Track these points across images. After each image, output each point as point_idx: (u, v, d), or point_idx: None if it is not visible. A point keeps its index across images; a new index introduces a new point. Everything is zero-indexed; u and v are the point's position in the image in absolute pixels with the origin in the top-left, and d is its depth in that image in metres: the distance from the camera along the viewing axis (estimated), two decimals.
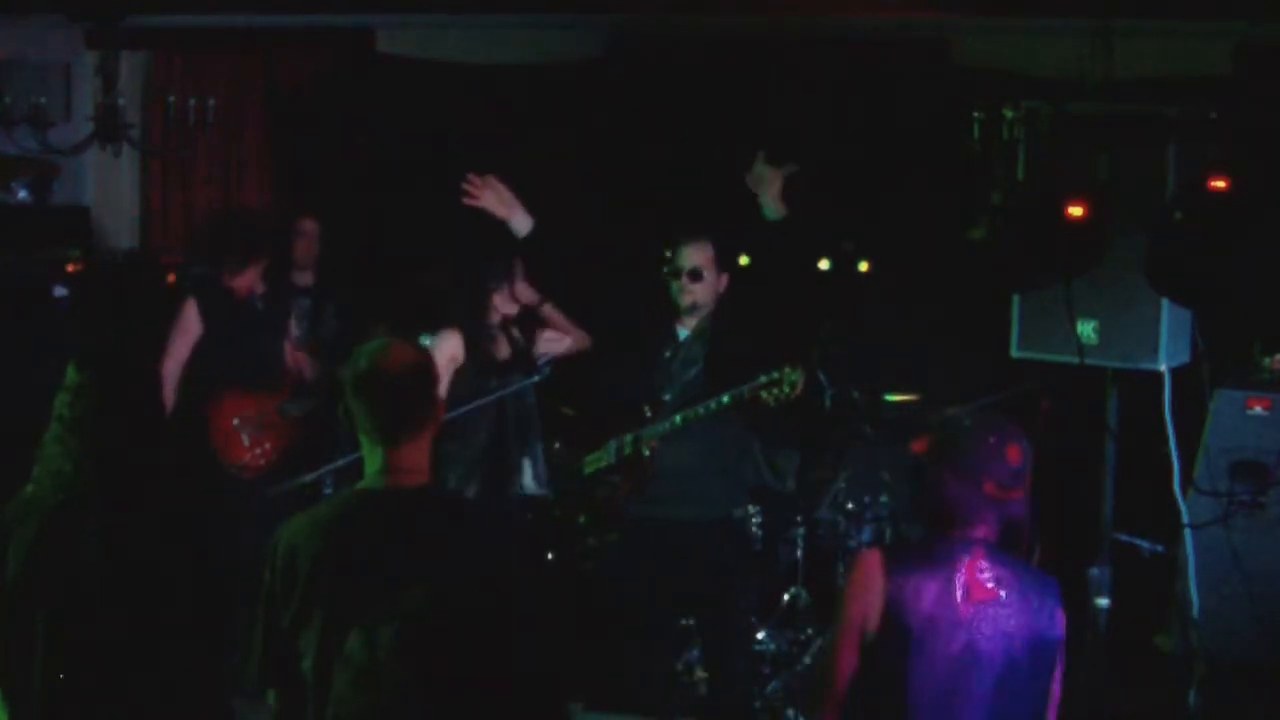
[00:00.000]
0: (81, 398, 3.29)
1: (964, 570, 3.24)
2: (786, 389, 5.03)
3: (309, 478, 5.64)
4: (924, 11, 6.56)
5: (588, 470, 5.51)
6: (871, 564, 3.27)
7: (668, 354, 5.44)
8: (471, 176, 5.34)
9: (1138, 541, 5.33)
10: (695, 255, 5.43)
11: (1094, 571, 5.10)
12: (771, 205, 5.41)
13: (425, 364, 3.13)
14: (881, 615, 3.21)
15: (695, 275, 5.39)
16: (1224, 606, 5.15)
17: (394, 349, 3.10)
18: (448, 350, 5.43)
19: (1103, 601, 5.08)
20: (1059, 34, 6.10)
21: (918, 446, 3.40)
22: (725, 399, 5.14)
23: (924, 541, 3.34)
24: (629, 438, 5.38)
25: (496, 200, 5.36)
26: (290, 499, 5.81)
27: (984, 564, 3.26)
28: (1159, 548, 5.32)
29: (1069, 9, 5.79)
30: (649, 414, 5.37)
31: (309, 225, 6.53)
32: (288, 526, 3.01)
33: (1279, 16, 5.78)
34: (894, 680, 3.21)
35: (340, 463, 5.61)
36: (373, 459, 3.04)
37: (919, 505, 3.41)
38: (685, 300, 5.41)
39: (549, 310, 5.80)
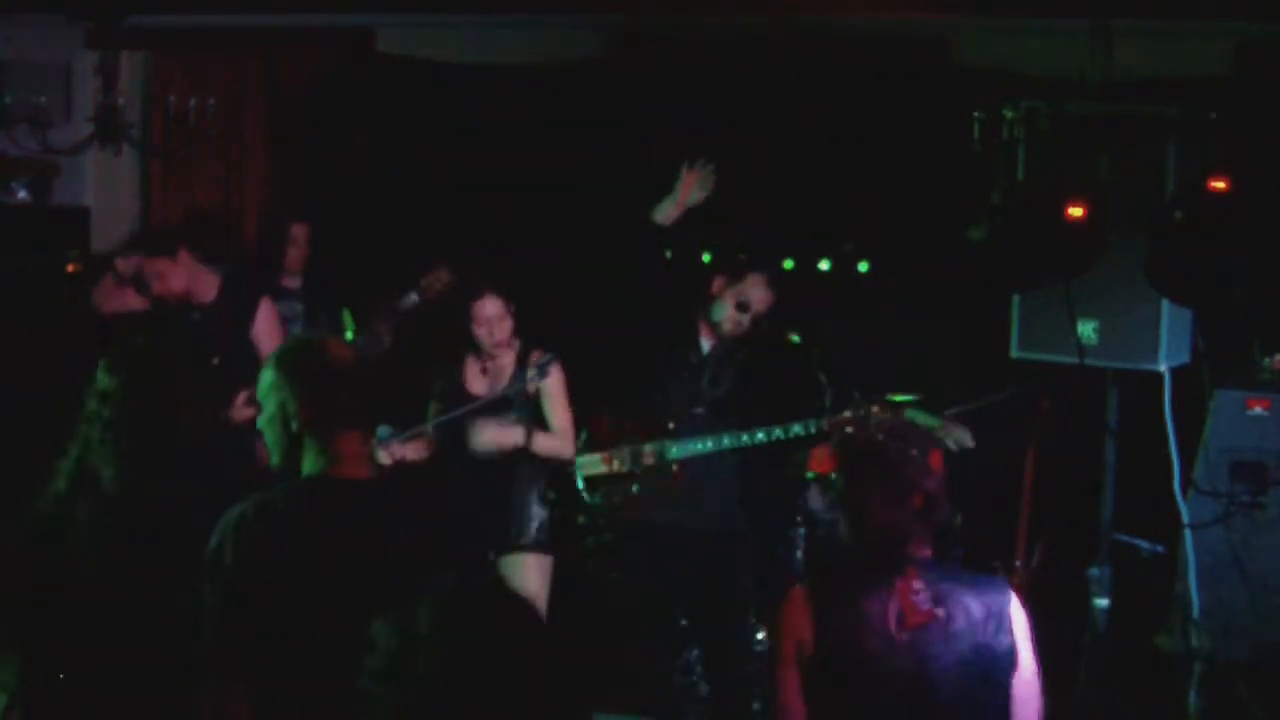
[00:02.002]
0: (117, 400, 3.30)
1: (896, 595, 3.06)
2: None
3: None
4: (924, 11, 6.56)
5: (588, 472, 5.49)
6: (795, 604, 3.12)
7: (694, 365, 5.43)
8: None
9: (1138, 541, 5.32)
10: (757, 289, 5.42)
11: (1094, 571, 5.11)
12: (665, 209, 5.40)
13: (353, 354, 3.16)
14: (815, 655, 3.07)
15: (746, 307, 5.39)
16: (1224, 606, 5.15)
17: (329, 342, 3.16)
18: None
19: (1103, 601, 5.09)
20: (1059, 34, 6.09)
21: (820, 465, 3.22)
22: (798, 429, 5.14)
23: (855, 568, 3.16)
24: (649, 448, 5.35)
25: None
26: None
27: (917, 584, 3.07)
28: (1159, 548, 5.32)
29: (1069, 9, 5.79)
30: (672, 427, 5.35)
31: (300, 231, 6.50)
32: (231, 518, 2.95)
33: (1279, 16, 5.77)
34: (837, 716, 3.08)
35: None
36: (314, 451, 3.02)
37: (846, 532, 3.22)
38: (727, 327, 5.41)
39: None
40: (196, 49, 7.53)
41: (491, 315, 5.27)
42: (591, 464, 5.50)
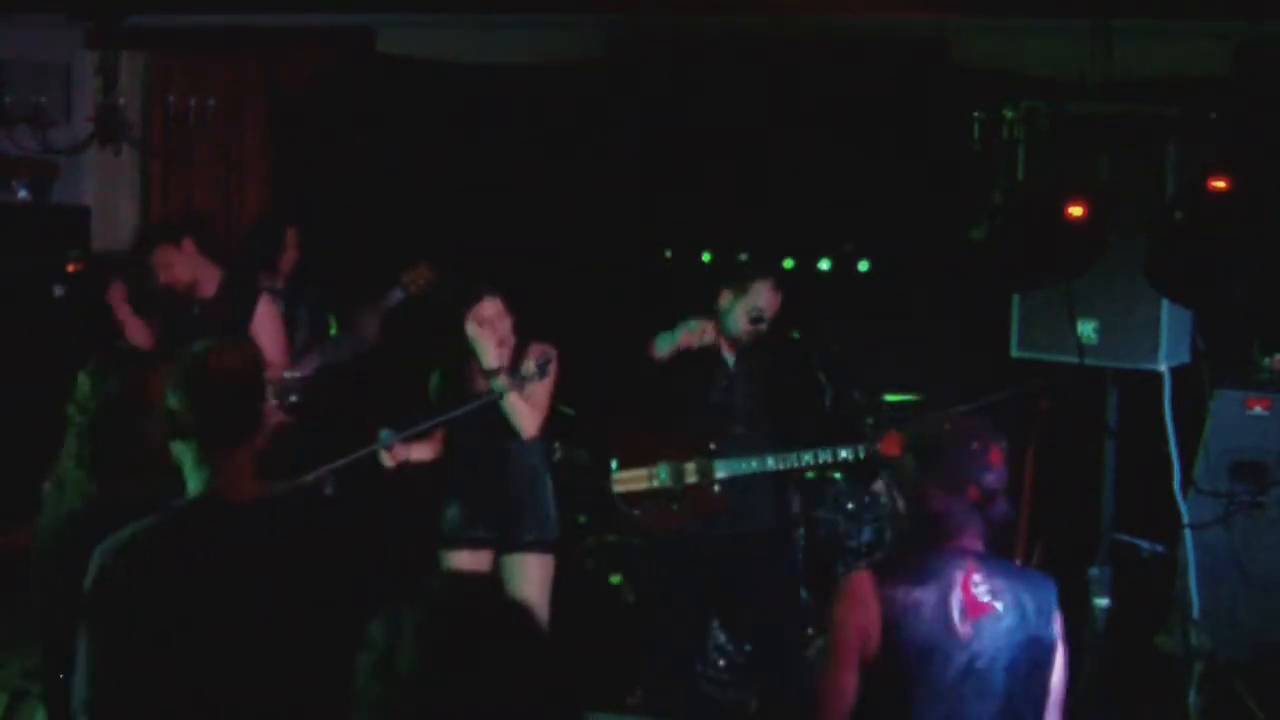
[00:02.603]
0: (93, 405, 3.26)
1: (959, 587, 3.17)
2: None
3: (310, 477, 5.64)
4: (924, 11, 6.56)
5: (629, 489, 5.47)
6: (864, 586, 3.18)
7: (723, 383, 5.43)
8: None
9: (1138, 541, 5.32)
10: (766, 296, 5.40)
11: (1094, 571, 5.10)
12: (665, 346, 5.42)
13: (256, 367, 2.99)
14: (880, 640, 3.13)
15: (759, 319, 5.37)
16: (1224, 606, 5.16)
17: (225, 350, 2.95)
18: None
19: (1103, 601, 5.08)
20: (1059, 34, 6.09)
21: (888, 448, 3.32)
22: (845, 454, 5.15)
23: (914, 558, 3.25)
24: (691, 466, 5.36)
25: None
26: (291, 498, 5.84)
27: (978, 577, 3.19)
28: (1159, 548, 5.32)
29: (1069, 9, 5.79)
30: (714, 447, 5.36)
31: (294, 235, 6.50)
32: (113, 544, 2.78)
33: (1279, 16, 5.78)
34: (896, 706, 3.15)
35: (340, 462, 5.60)
36: (199, 469, 2.88)
37: (906, 519, 3.31)
38: (745, 339, 5.41)
39: None
40: (196, 49, 7.53)
41: (491, 315, 5.25)
42: (633, 480, 5.49)
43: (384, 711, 1.97)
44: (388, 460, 5.15)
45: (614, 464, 5.46)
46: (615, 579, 6.14)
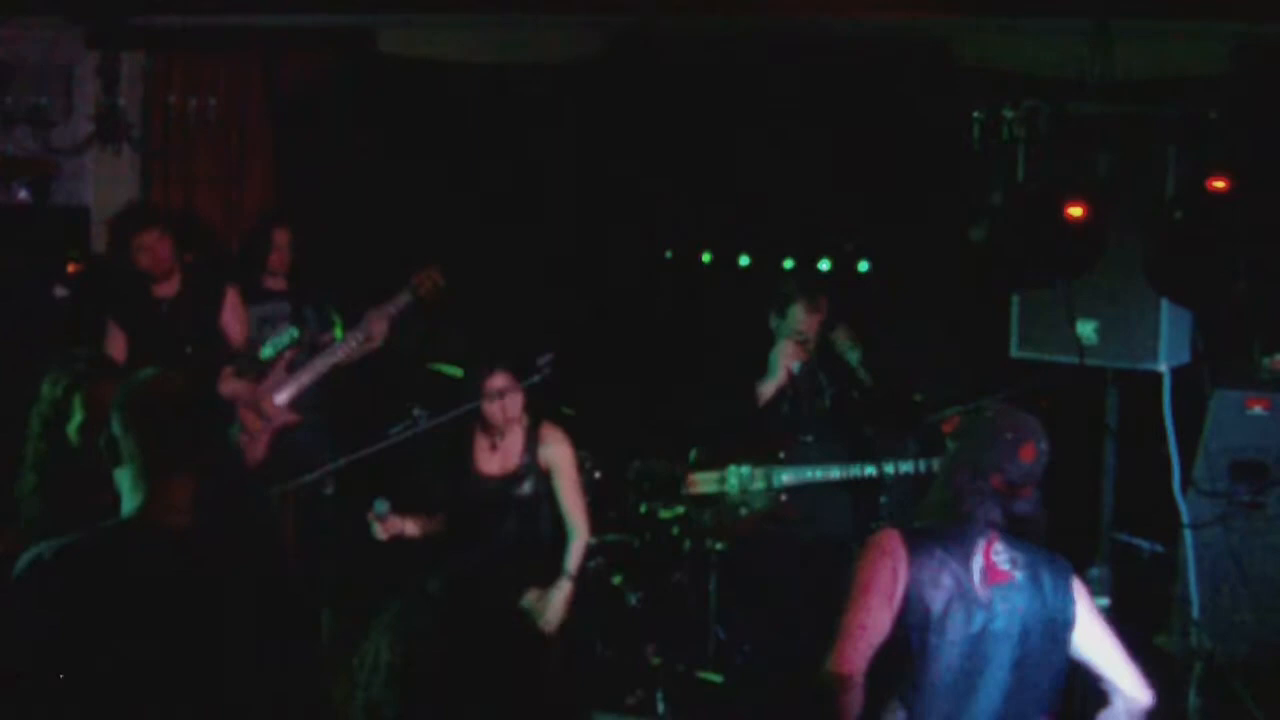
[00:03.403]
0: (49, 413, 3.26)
1: (981, 552, 3.31)
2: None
3: (309, 478, 5.64)
4: (924, 11, 6.56)
5: (701, 490, 5.51)
6: (893, 542, 3.31)
7: (791, 393, 5.48)
8: None
9: (1138, 541, 5.33)
10: (803, 318, 5.47)
11: (1094, 571, 5.10)
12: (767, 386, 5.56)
13: (199, 395, 2.96)
14: (905, 594, 3.26)
15: (803, 340, 5.44)
16: (1224, 606, 5.15)
17: (167, 377, 2.92)
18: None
19: (1103, 601, 5.08)
20: (1059, 34, 6.09)
21: (947, 427, 3.47)
22: (906, 467, 5.21)
23: (938, 525, 3.38)
24: (760, 473, 5.40)
25: None
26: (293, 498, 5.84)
27: (999, 545, 3.33)
28: (1159, 548, 5.32)
29: (1069, 9, 5.79)
30: (783, 456, 5.40)
31: (281, 236, 6.50)
32: (25, 561, 2.71)
33: (1279, 16, 5.77)
34: (914, 660, 3.27)
35: (340, 463, 5.61)
36: (134, 493, 2.81)
37: (932, 494, 3.48)
38: (799, 358, 5.47)
39: None
40: (196, 49, 7.53)
41: (502, 389, 5.14)
42: (704, 483, 5.53)
43: (389, 713, 1.97)
44: (380, 533, 5.10)
45: (691, 459, 5.52)
46: (616, 579, 6.13)
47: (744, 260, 7.45)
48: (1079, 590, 3.42)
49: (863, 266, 7.24)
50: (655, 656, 5.73)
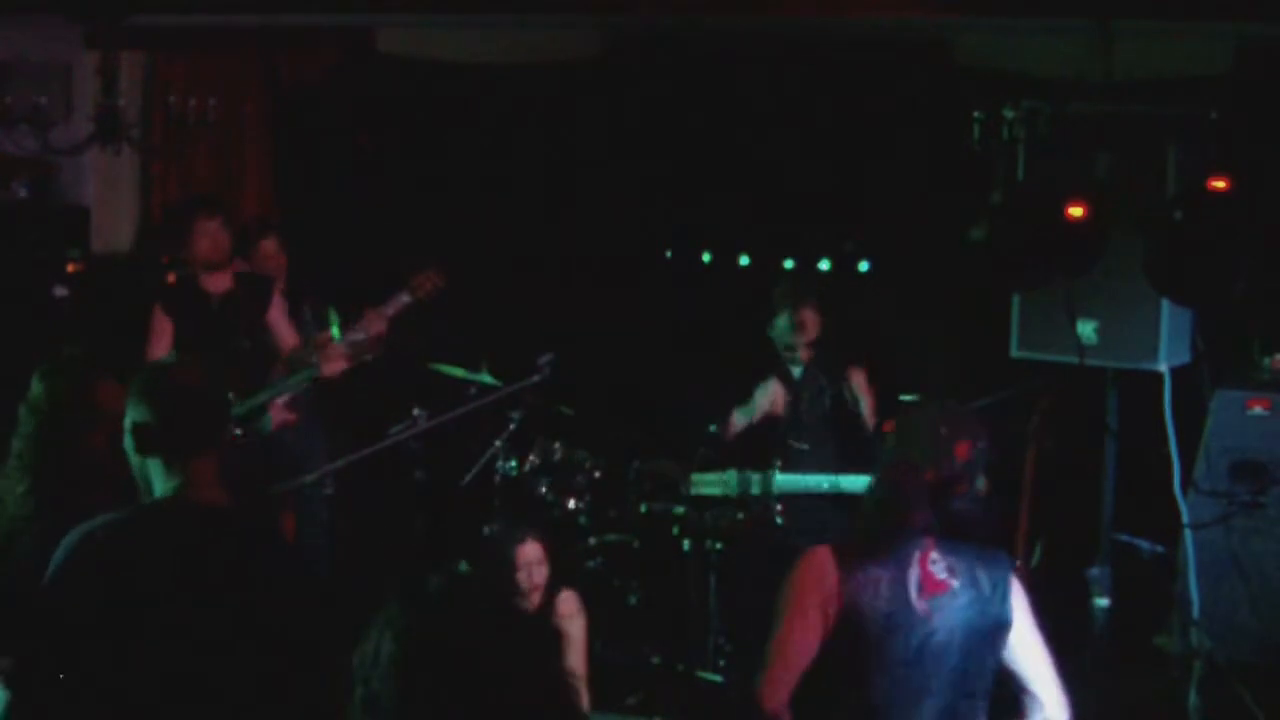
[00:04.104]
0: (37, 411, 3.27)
1: (917, 564, 3.24)
2: None
3: (310, 478, 5.64)
4: (924, 11, 6.56)
5: (694, 489, 5.54)
6: (824, 560, 3.23)
7: (790, 396, 5.50)
8: None
9: (1138, 541, 5.33)
10: (803, 317, 5.49)
11: (1094, 571, 5.11)
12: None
13: (213, 378, 3.07)
14: (838, 613, 3.18)
15: (807, 341, 5.47)
16: (1224, 606, 5.16)
17: (184, 363, 3.08)
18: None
19: (1103, 601, 5.09)
20: (1059, 34, 6.09)
21: (887, 427, 3.42)
22: None
23: (872, 535, 3.30)
24: (756, 478, 5.41)
25: None
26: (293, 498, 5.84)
27: (935, 555, 3.25)
28: (1159, 548, 5.32)
29: (1069, 9, 5.79)
30: (779, 463, 5.42)
31: (269, 245, 6.47)
32: (74, 539, 2.82)
33: (1279, 16, 5.77)
34: (854, 679, 3.20)
35: (340, 463, 5.61)
36: (168, 476, 2.92)
37: (869, 494, 3.43)
38: (800, 361, 5.49)
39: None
40: (196, 49, 7.53)
41: (532, 560, 5.08)
42: (707, 484, 5.54)
43: (387, 710, 1.97)
44: None
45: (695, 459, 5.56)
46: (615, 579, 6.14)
47: (744, 260, 7.45)
48: (1017, 591, 3.32)
49: (863, 266, 7.24)
50: (655, 656, 5.73)
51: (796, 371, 5.59)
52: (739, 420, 5.84)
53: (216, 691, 2.79)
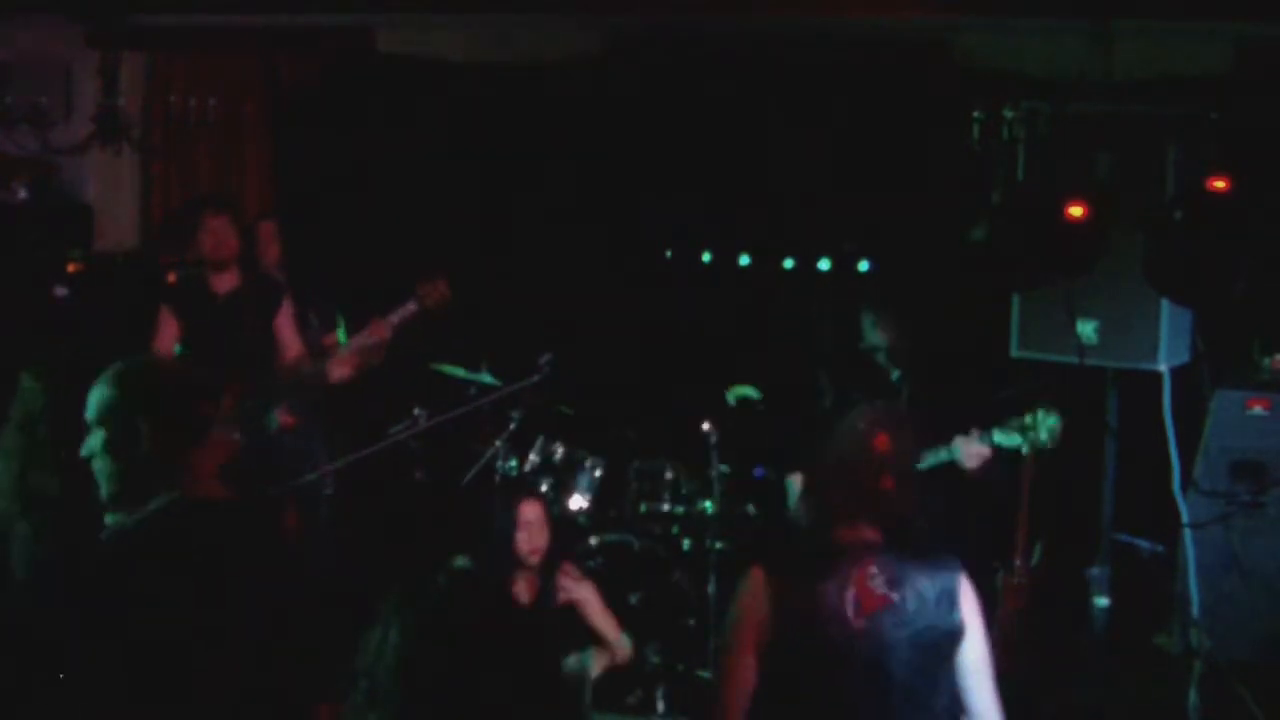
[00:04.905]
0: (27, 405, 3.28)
1: (852, 583, 3.13)
2: (1044, 436, 5.01)
3: (310, 477, 5.64)
4: (924, 11, 6.56)
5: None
6: (756, 580, 3.17)
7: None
8: None
9: (1138, 541, 5.33)
10: (877, 328, 5.50)
11: (1094, 571, 5.11)
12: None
13: (189, 372, 3.11)
14: (773, 633, 3.12)
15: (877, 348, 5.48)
16: (1224, 606, 5.16)
17: (159, 360, 3.04)
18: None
19: (1103, 601, 5.10)
20: (1059, 34, 6.09)
21: None
22: (944, 455, 5.14)
23: (809, 551, 3.24)
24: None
25: None
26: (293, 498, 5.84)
27: (874, 569, 3.15)
28: (1159, 548, 5.33)
29: (1069, 9, 5.79)
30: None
31: (267, 228, 6.46)
32: (103, 543, 2.88)
33: (1279, 16, 5.77)
34: (797, 702, 3.14)
35: (340, 463, 5.62)
36: (165, 473, 2.92)
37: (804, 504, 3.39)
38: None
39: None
40: (196, 49, 7.53)
41: (532, 520, 5.02)
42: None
43: (392, 701, 1.98)
44: None
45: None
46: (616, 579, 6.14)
47: (744, 260, 7.45)
48: (967, 597, 3.21)
49: (863, 266, 7.24)
50: (655, 656, 5.73)
51: (895, 375, 5.59)
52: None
53: (216, 690, 2.80)
